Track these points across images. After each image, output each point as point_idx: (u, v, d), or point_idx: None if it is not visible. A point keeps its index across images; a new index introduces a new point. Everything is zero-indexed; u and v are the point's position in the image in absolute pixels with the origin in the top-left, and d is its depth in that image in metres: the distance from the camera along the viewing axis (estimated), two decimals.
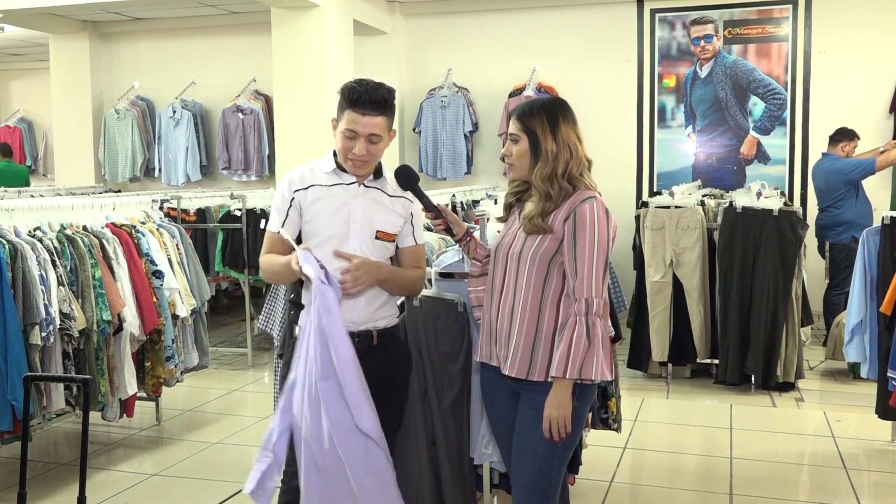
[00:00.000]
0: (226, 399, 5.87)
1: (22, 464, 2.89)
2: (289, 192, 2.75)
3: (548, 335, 2.53)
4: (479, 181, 9.12)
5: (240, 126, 9.68)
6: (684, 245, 5.88)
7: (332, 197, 2.74)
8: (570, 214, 2.51)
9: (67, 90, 10.27)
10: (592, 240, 2.48)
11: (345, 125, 2.68)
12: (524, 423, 2.59)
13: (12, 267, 3.92)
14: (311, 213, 2.73)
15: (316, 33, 7.96)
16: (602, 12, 9.10)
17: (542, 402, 2.53)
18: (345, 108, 2.69)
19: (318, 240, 2.71)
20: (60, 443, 5.03)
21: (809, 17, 8.61)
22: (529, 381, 2.55)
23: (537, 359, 2.54)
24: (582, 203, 2.51)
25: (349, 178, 2.76)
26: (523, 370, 2.55)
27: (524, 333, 2.55)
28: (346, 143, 2.69)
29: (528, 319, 2.55)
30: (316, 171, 2.78)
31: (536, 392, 2.55)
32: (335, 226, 2.74)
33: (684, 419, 5.39)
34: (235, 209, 6.98)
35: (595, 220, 2.48)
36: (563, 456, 2.59)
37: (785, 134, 8.74)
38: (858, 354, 4.87)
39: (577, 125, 2.62)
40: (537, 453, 2.56)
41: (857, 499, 4.05)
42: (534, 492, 2.58)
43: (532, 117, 2.60)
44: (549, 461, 2.56)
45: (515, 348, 2.56)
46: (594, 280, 2.47)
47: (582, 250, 2.48)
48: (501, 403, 2.70)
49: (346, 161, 2.73)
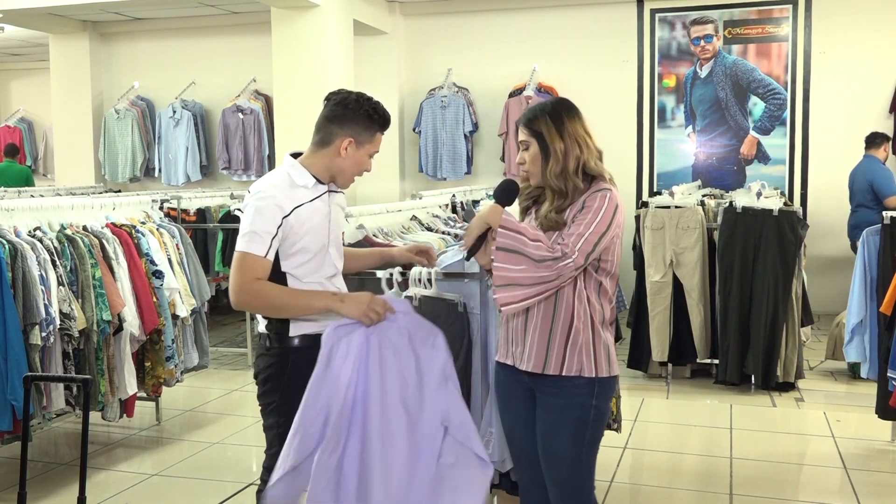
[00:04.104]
0: (226, 399, 5.87)
1: (22, 464, 2.88)
2: (275, 219, 2.61)
3: (563, 330, 2.55)
4: (479, 181, 9.12)
5: (240, 126, 9.68)
6: (684, 245, 5.88)
7: (314, 212, 2.71)
8: (581, 204, 2.54)
9: (67, 90, 10.28)
10: (595, 217, 2.49)
11: (376, 148, 2.71)
12: (545, 427, 2.62)
13: (12, 267, 3.92)
14: (300, 234, 2.66)
15: (316, 33, 7.96)
16: (602, 12, 9.10)
17: (558, 404, 2.57)
18: (375, 131, 2.70)
19: (308, 255, 2.69)
20: (60, 443, 5.03)
21: (809, 17, 8.61)
22: (545, 376, 2.57)
23: (552, 353, 2.56)
24: (594, 193, 2.54)
25: (323, 189, 2.74)
26: (539, 365, 2.57)
27: (539, 329, 2.57)
28: (367, 163, 2.73)
29: (543, 316, 2.56)
30: (296, 189, 2.68)
31: (551, 393, 2.58)
32: (321, 239, 2.73)
33: (684, 419, 5.39)
34: (235, 209, 6.96)
35: (603, 206, 2.51)
36: (589, 451, 2.62)
37: (785, 134, 8.74)
38: (858, 354, 4.87)
39: (582, 119, 2.64)
40: (563, 453, 2.60)
41: (857, 499, 4.04)
42: (567, 485, 2.63)
43: (536, 120, 2.62)
44: (577, 458, 2.60)
45: (531, 344, 2.59)
46: (581, 240, 2.46)
47: (580, 221, 2.49)
48: (518, 402, 2.70)
49: (352, 178, 2.75)
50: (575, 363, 2.55)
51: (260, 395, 2.78)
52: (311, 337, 2.70)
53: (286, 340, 2.71)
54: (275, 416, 2.73)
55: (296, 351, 2.70)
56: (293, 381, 2.69)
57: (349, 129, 2.68)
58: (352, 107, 2.68)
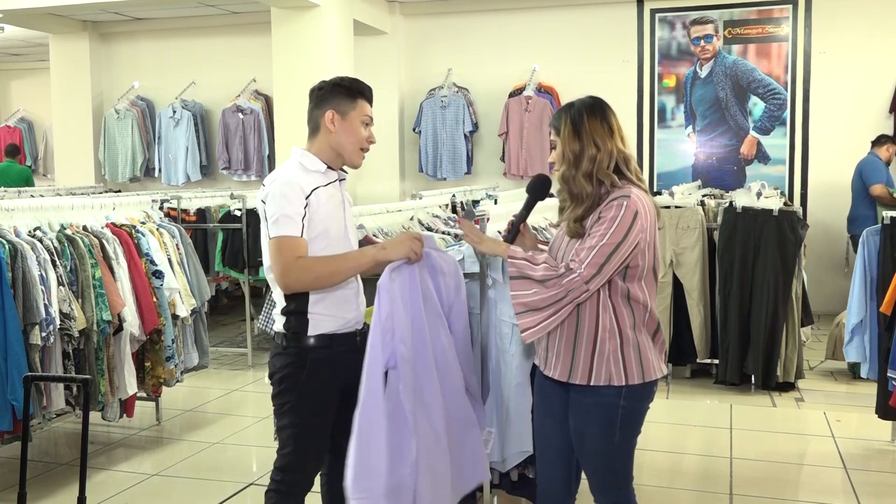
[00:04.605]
0: (226, 399, 5.87)
1: (22, 464, 2.88)
2: (301, 200, 2.65)
3: (588, 340, 2.54)
4: (479, 181, 9.12)
5: (240, 126, 9.69)
6: (684, 245, 5.88)
7: (330, 196, 2.75)
8: (598, 214, 2.51)
9: (67, 90, 10.28)
10: (609, 227, 2.46)
11: (364, 112, 2.76)
12: (577, 426, 2.64)
13: (12, 267, 3.92)
14: (320, 216, 2.70)
15: (316, 33, 7.96)
16: (602, 12, 9.10)
17: (587, 404, 2.58)
18: (355, 98, 2.75)
19: (328, 241, 2.71)
20: (60, 443, 5.03)
21: (809, 17, 8.61)
22: (571, 384, 2.58)
23: (578, 362, 2.56)
24: (610, 202, 2.51)
25: (334, 175, 2.79)
26: (565, 373, 2.58)
27: (564, 338, 2.57)
28: (364, 130, 2.77)
29: (568, 325, 2.56)
30: (309, 174, 2.73)
31: (582, 395, 2.59)
32: (339, 224, 2.77)
33: (684, 419, 5.39)
34: (235, 209, 6.98)
35: (619, 215, 2.47)
36: (622, 449, 2.63)
37: (785, 134, 8.74)
38: (858, 354, 4.87)
39: (607, 119, 2.60)
40: (596, 452, 2.62)
41: (857, 499, 4.04)
42: (605, 480, 2.66)
43: (558, 120, 2.63)
44: (610, 456, 2.62)
45: (557, 351, 2.59)
46: (592, 253, 2.45)
47: (594, 233, 2.48)
48: (552, 399, 2.71)
49: (357, 152, 2.78)
50: (603, 373, 2.54)
51: (275, 394, 2.77)
52: (327, 336, 2.72)
53: (303, 340, 2.71)
54: (290, 416, 2.72)
55: (313, 350, 2.71)
56: (310, 381, 2.70)
57: (327, 104, 2.75)
58: (325, 87, 2.78)
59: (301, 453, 2.72)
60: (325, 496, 2.96)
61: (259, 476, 4.32)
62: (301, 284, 2.66)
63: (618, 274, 2.50)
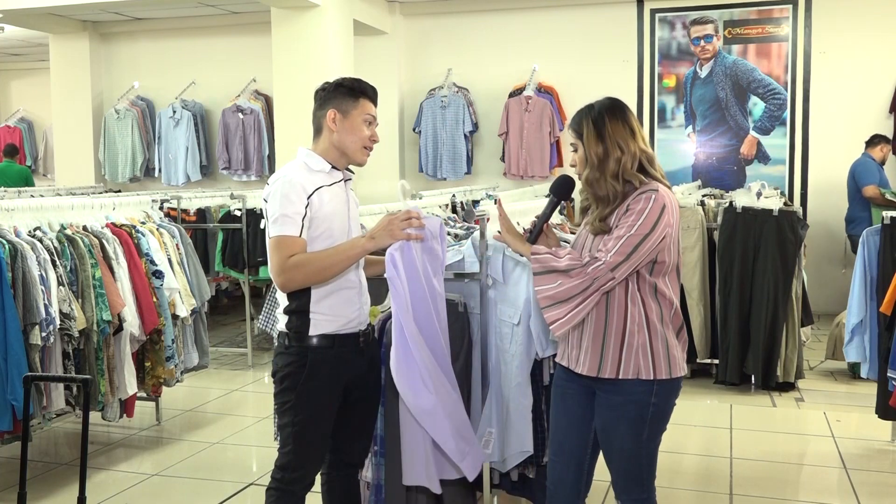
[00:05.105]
0: (226, 399, 5.87)
1: (22, 464, 2.88)
2: (302, 199, 2.66)
3: (617, 333, 2.55)
4: (479, 181, 9.12)
5: (240, 126, 9.69)
6: (684, 245, 5.88)
7: (334, 196, 2.76)
8: (626, 206, 2.53)
9: (67, 90, 10.28)
10: (637, 219, 2.48)
11: (366, 111, 2.78)
12: (605, 424, 2.64)
13: (12, 267, 3.92)
14: (323, 216, 2.71)
15: (316, 33, 7.96)
16: (602, 12, 9.10)
17: (617, 402, 2.59)
18: (357, 97, 2.77)
19: (332, 240, 2.72)
20: (60, 443, 5.03)
21: (809, 17, 8.61)
22: (601, 378, 2.58)
23: (607, 357, 2.56)
24: (639, 195, 2.52)
25: (338, 175, 2.81)
26: (594, 368, 2.58)
27: (592, 332, 2.58)
28: (367, 129, 2.79)
29: (596, 318, 2.56)
30: (314, 173, 2.74)
31: (611, 391, 2.59)
32: (343, 223, 2.78)
33: (684, 419, 5.38)
34: (235, 209, 6.98)
35: (647, 207, 2.48)
36: (648, 446, 2.64)
37: (785, 134, 8.74)
38: (858, 354, 4.87)
39: (627, 120, 2.60)
40: (624, 449, 2.63)
41: (857, 499, 4.04)
42: (629, 478, 2.68)
43: (578, 123, 2.63)
44: (636, 453, 2.63)
45: (585, 347, 2.60)
46: (620, 242, 2.46)
47: (622, 224, 2.49)
48: (573, 400, 2.71)
49: (361, 150, 2.79)
50: (632, 366, 2.55)
51: (277, 393, 2.79)
52: (330, 336, 2.73)
53: (305, 340, 2.72)
54: (290, 415, 2.74)
55: (315, 350, 2.72)
56: (311, 381, 2.71)
57: (330, 104, 2.78)
58: (327, 88, 2.81)
59: (301, 452, 2.73)
60: (325, 495, 2.97)
61: (259, 476, 4.32)
62: (296, 282, 2.68)
63: (645, 268, 2.52)
